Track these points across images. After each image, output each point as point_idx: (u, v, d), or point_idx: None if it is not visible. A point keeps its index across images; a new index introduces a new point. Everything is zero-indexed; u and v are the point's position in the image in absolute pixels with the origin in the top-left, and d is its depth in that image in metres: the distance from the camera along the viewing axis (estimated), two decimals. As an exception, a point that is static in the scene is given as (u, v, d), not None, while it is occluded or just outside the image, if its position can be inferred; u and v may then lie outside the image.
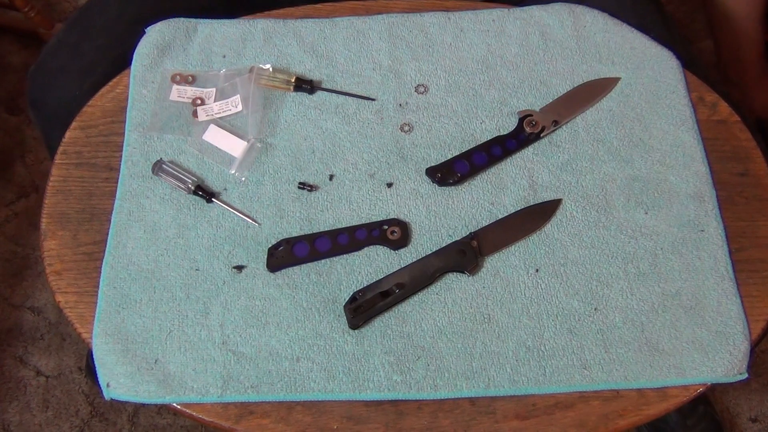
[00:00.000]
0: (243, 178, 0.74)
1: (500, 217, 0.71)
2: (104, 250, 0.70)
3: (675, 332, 0.66)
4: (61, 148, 0.76)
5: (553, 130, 0.76)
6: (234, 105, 0.77)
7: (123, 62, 0.80)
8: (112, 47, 0.83)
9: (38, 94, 0.86)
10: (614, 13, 0.82)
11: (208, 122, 0.76)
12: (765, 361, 1.31)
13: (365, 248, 0.70)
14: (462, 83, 0.79)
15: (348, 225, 0.71)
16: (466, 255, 0.68)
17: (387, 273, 0.68)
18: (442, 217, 0.72)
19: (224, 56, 0.80)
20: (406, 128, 0.76)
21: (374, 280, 0.68)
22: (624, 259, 0.69)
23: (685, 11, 1.66)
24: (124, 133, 0.76)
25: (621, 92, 0.78)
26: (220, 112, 0.77)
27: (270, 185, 0.73)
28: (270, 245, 0.70)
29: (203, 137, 0.75)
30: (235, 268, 0.69)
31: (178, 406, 0.64)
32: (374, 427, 0.63)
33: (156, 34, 0.81)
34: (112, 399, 0.64)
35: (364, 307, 0.66)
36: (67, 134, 0.76)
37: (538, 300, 0.68)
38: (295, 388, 0.64)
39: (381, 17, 0.82)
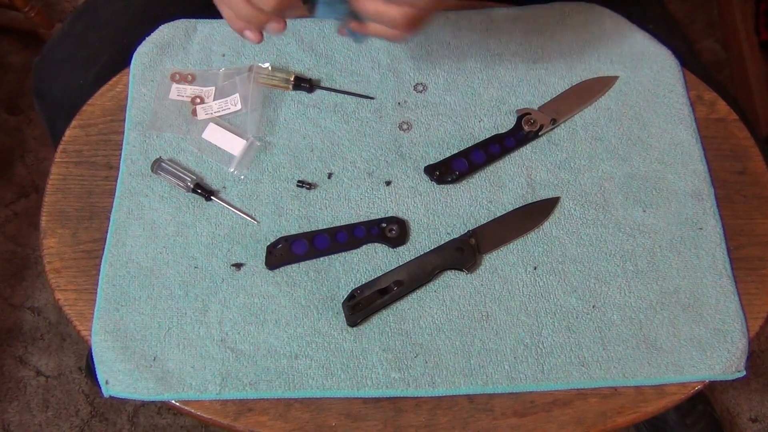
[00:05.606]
0: (242, 177, 0.74)
1: (498, 215, 0.71)
2: (103, 248, 0.70)
3: (673, 330, 0.66)
4: (60, 147, 0.76)
5: (552, 129, 0.76)
6: (233, 103, 0.77)
7: (128, 53, 0.80)
8: (117, 38, 0.83)
9: (43, 85, 0.86)
10: (614, 3, 0.82)
11: (207, 121, 0.76)
12: (765, 361, 1.31)
13: (364, 246, 0.70)
14: (461, 82, 0.79)
15: (346, 223, 0.71)
16: (464, 253, 0.68)
17: (385, 271, 0.68)
18: (440, 215, 0.72)
19: (223, 55, 0.80)
20: (405, 127, 0.77)
21: (372, 278, 0.68)
22: (622, 257, 0.70)
23: (685, 11, 1.66)
24: (123, 131, 0.76)
25: (619, 91, 0.78)
26: (219, 111, 0.77)
27: (269, 183, 0.73)
28: (269, 243, 0.70)
29: (202, 136, 0.76)
30: (233, 265, 0.69)
31: (177, 403, 0.64)
32: (372, 425, 0.63)
33: (156, 33, 0.81)
34: (110, 396, 0.64)
35: (363, 305, 0.66)
36: (67, 133, 0.76)
37: (537, 298, 0.68)
38: (293, 385, 0.64)
39: (380, 16, 0.83)
